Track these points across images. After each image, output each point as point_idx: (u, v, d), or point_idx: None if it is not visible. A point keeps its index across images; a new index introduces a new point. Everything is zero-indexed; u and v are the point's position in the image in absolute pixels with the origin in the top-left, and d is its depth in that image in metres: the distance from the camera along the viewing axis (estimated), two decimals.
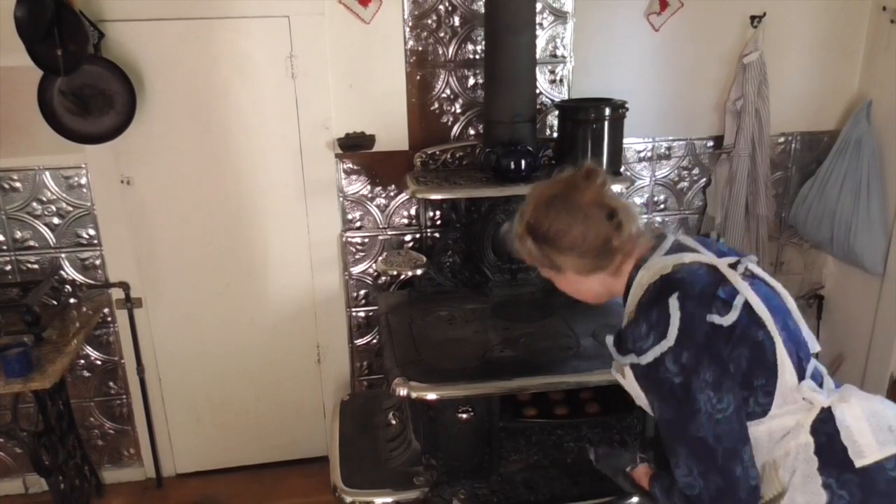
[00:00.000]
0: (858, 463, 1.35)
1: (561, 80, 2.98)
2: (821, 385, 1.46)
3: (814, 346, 1.48)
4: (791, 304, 1.48)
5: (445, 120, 2.96)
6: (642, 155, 3.16)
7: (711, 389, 1.34)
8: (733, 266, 1.46)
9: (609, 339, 1.50)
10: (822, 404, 1.39)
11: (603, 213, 1.46)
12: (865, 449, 1.36)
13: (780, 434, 1.40)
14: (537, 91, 2.85)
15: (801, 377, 1.41)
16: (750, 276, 1.45)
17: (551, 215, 1.47)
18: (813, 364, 1.46)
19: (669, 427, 1.41)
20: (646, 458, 1.77)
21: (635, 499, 2.31)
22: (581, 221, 1.45)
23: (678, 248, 1.50)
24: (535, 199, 1.52)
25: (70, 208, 2.85)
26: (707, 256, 1.46)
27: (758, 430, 1.42)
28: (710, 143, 3.18)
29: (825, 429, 1.38)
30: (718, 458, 1.36)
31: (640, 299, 1.47)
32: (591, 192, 1.47)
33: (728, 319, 1.35)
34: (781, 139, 3.22)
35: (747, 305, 1.38)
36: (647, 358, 1.38)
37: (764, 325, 1.37)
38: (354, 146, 2.88)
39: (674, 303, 1.37)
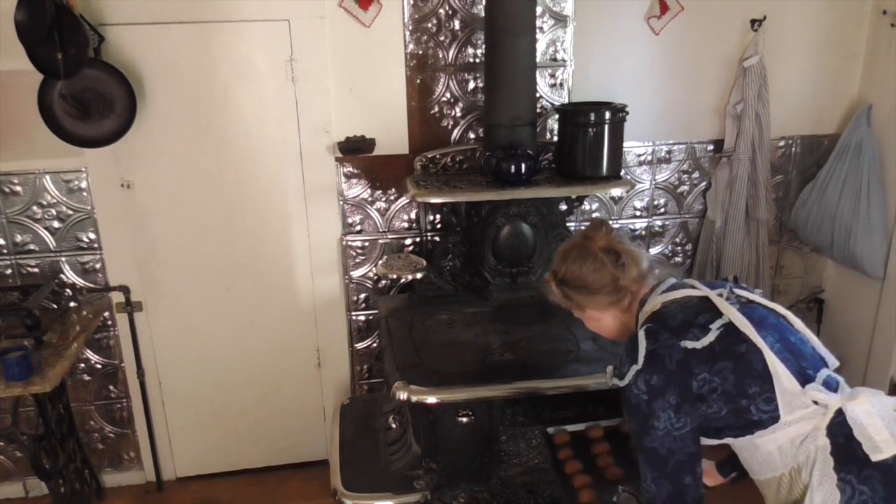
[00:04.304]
0: (875, 457, 1.40)
1: (561, 84, 2.99)
2: (835, 392, 1.52)
3: (830, 360, 1.62)
4: (795, 322, 1.65)
5: (445, 123, 2.96)
6: (642, 158, 3.16)
7: (672, 410, 1.52)
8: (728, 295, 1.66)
9: (609, 369, 1.71)
10: (831, 404, 1.46)
11: (611, 257, 1.68)
12: (882, 444, 1.40)
13: (800, 440, 1.49)
14: (537, 95, 2.85)
15: (804, 383, 1.50)
16: (745, 302, 1.63)
17: (568, 261, 1.72)
18: (825, 373, 1.56)
19: (634, 438, 1.60)
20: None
21: None
22: (591, 263, 1.69)
23: (674, 287, 1.69)
24: (559, 253, 1.78)
25: (70, 212, 2.85)
26: (699, 291, 1.65)
27: (777, 437, 1.51)
28: (711, 147, 3.19)
29: (841, 430, 1.45)
30: (668, 467, 1.54)
31: None
32: (601, 240, 1.70)
33: (702, 342, 1.53)
34: (782, 143, 3.22)
35: (730, 325, 1.54)
36: (626, 381, 1.57)
37: (747, 339, 1.52)
38: (354, 150, 2.88)
39: (641, 333, 1.58)
